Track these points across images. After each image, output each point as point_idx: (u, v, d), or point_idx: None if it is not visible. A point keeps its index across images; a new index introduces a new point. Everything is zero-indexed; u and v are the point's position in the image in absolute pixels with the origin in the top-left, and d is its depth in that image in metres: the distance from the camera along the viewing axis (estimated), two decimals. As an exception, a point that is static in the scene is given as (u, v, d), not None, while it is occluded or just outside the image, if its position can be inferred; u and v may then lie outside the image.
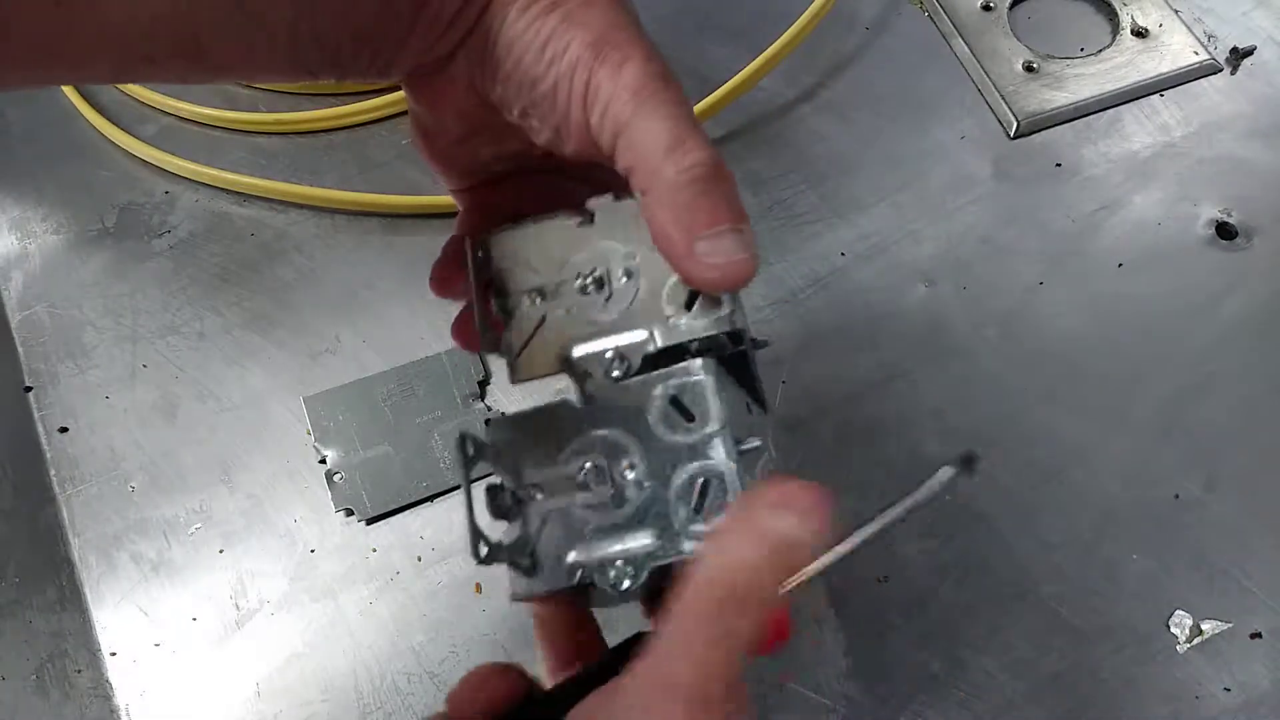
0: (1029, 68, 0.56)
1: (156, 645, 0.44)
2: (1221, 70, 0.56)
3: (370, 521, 0.46)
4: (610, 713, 0.23)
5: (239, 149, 0.56)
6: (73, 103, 0.57)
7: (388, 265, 0.52)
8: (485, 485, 0.29)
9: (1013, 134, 0.55)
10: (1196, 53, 0.56)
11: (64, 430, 0.49)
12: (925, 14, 0.59)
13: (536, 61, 0.27)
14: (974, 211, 0.53)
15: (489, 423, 0.30)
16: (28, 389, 0.50)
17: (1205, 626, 0.42)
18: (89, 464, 0.48)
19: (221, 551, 0.46)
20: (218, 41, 0.25)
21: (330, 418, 0.48)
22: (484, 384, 0.48)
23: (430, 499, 0.46)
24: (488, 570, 0.43)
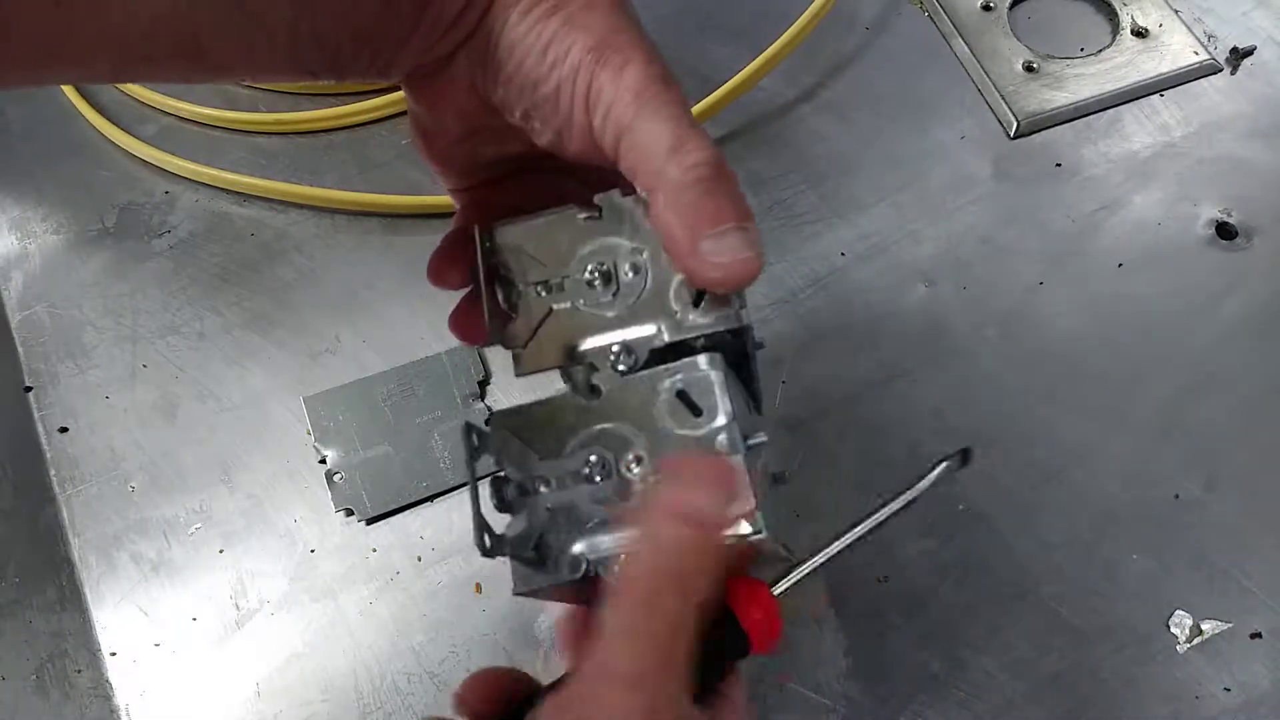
0: (1029, 68, 0.56)
1: (156, 645, 0.44)
2: (1221, 70, 0.56)
3: (370, 521, 0.46)
4: (559, 705, 0.24)
5: (239, 149, 0.56)
6: (73, 102, 0.57)
7: (388, 265, 0.52)
8: (490, 478, 0.29)
9: (1013, 134, 0.55)
10: (1196, 53, 0.56)
11: (64, 430, 0.49)
12: (925, 14, 0.59)
13: (538, 64, 0.27)
14: (974, 211, 0.53)
15: (494, 414, 0.30)
16: (28, 389, 0.50)
17: (1205, 626, 0.42)
18: (89, 464, 0.48)
19: (221, 551, 0.46)
20: (217, 41, 0.25)
21: (330, 418, 0.48)
22: (484, 384, 0.48)
23: (430, 499, 0.46)
24: (487, 570, 0.44)
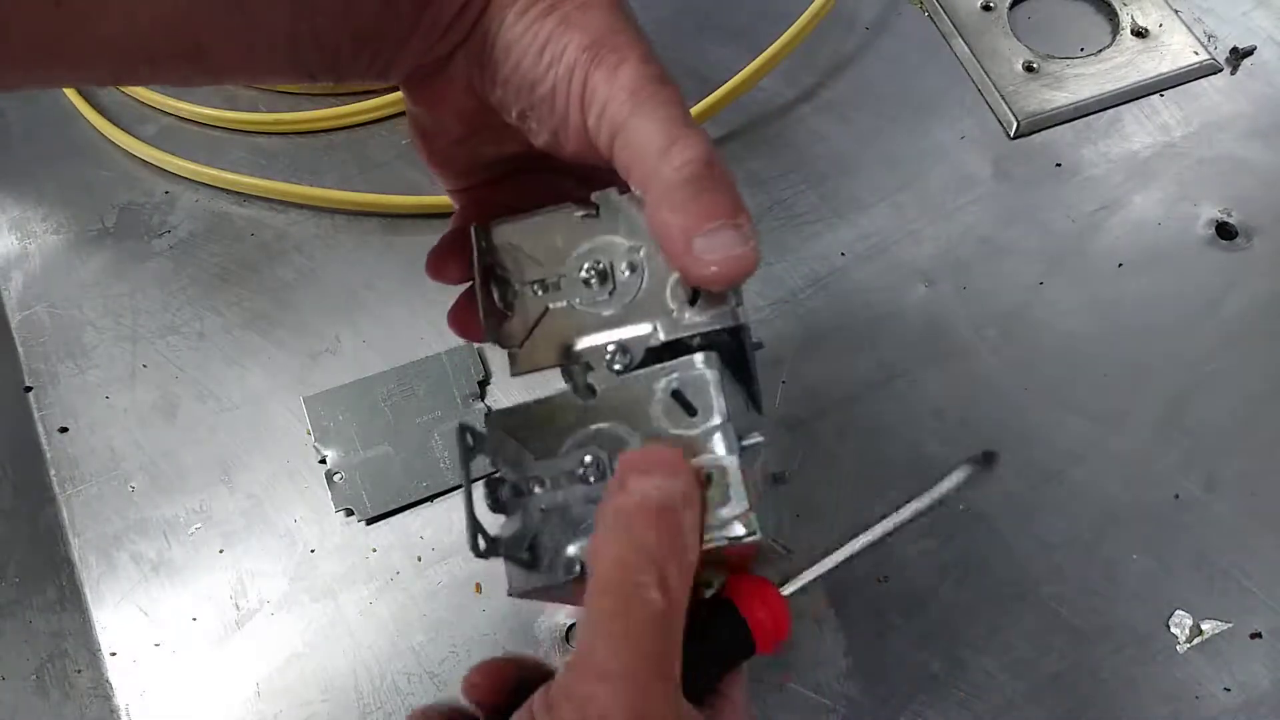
0: (1029, 68, 0.56)
1: (156, 645, 0.44)
2: (1221, 70, 0.56)
3: (370, 521, 0.46)
4: (546, 699, 0.24)
5: (239, 149, 0.56)
6: (73, 103, 0.57)
7: (388, 265, 0.52)
8: (485, 479, 0.29)
9: (1013, 134, 0.55)
10: (1196, 53, 0.56)
11: (64, 430, 0.49)
12: (925, 14, 0.59)
13: (535, 64, 0.27)
14: (974, 211, 0.53)
15: (491, 414, 0.30)
16: (28, 389, 0.50)
17: (1205, 626, 0.42)
18: (89, 464, 0.48)
19: (221, 551, 0.46)
20: (217, 43, 0.25)
21: (330, 418, 0.48)
22: (484, 384, 0.48)
23: (430, 499, 0.46)
24: (487, 570, 0.44)
